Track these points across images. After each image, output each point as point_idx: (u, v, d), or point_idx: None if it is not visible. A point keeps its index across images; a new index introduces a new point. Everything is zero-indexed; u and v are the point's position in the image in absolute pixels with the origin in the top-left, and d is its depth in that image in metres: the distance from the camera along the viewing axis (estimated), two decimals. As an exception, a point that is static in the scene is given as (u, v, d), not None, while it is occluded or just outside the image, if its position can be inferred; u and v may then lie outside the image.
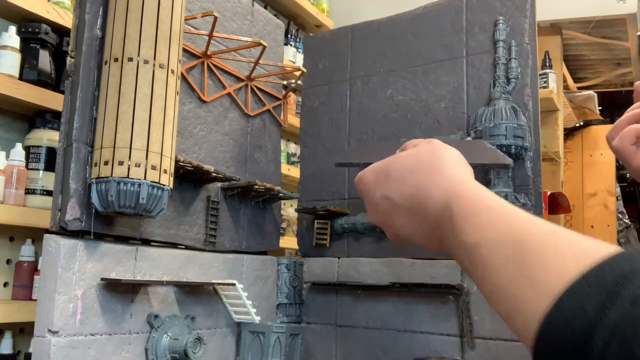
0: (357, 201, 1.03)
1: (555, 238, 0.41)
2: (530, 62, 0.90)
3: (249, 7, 1.06)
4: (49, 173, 1.40)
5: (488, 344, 0.86)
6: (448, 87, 0.97)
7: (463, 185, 0.51)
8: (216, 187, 0.95)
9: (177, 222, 0.87)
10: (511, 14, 0.92)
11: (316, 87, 1.12)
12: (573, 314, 0.37)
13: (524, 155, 0.88)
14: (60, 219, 0.72)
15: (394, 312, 0.95)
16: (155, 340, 0.79)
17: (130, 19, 0.72)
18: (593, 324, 0.36)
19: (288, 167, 2.46)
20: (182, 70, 0.90)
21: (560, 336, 0.37)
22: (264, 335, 0.89)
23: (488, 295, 0.44)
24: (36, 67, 1.43)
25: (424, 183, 0.55)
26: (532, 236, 0.42)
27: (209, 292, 0.90)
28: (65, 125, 0.75)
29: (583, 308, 0.36)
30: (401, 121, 1.01)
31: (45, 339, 0.68)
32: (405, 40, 1.03)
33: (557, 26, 2.67)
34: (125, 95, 0.70)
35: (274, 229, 1.08)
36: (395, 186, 0.59)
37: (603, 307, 0.36)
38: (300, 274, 1.04)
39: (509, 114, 0.87)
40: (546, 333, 0.38)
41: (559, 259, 0.40)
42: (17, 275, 1.43)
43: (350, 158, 0.74)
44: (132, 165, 0.69)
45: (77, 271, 0.71)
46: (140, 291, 0.79)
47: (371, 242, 1.01)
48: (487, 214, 0.46)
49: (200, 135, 0.93)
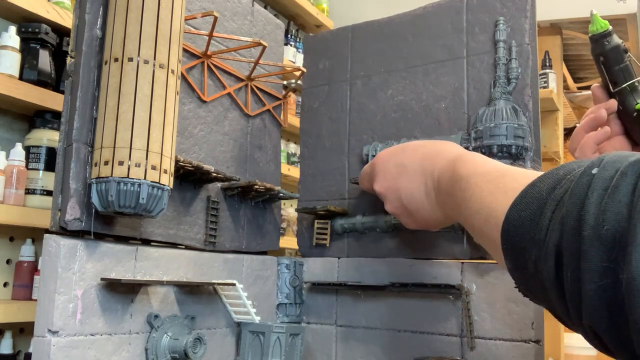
0: (357, 201, 1.03)
1: (531, 171, 0.51)
2: (531, 62, 0.90)
3: (249, 7, 1.06)
4: (49, 173, 1.40)
5: (488, 344, 0.86)
6: (448, 87, 0.97)
7: (467, 153, 0.65)
8: (216, 187, 0.95)
9: (177, 222, 0.87)
10: (512, 15, 0.92)
11: (316, 87, 1.12)
12: (531, 198, 0.45)
13: (524, 155, 0.88)
14: (60, 219, 0.72)
15: (394, 312, 0.95)
16: (155, 340, 0.79)
17: (130, 19, 0.72)
18: (543, 201, 0.43)
19: (288, 167, 2.46)
20: (182, 70, 0.90)
21: (518, 215, 0.45)
22: (264, 335, 0.89)
23: (470, 212, 0.55)
24: (36, 67, 1.43)
25: (435, 151, 0.71)
26: (512, 169, 0.54)
27: (209, 292, 0.90)
28: (65, 125, 0.75)
29: (540, 193, 0.44)
30: (401, 121, 1.01)
31: (45, 339, 0.68)
32: (405, 40, 1.03)
33: (557, 26, 2.67)
34: (125, 95, 0.70)
35: (274, 229, 1.08)
36: (409, 154, 0.75)
37: (552, 188, 0.44)
38: (300, 274, 1.04)
39: (509, 114, 0.87)
40: (511, 218, 0.46)
41: (529, 174, 0.49)
42: (17, 275, 1.43)
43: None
44: (132, 165, 0.69)
45: (77, 271, 0.71)
46: (140, 291, 0.79)
47: (371, 242, 1.01)
48: (482, 159, 0.61)
49: (200, 135, 0.93)
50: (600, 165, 0.41)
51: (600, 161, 0.42)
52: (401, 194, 0.75)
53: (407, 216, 0.77)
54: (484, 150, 0.88)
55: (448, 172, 0.64)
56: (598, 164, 0.41)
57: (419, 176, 0.72)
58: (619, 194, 0.37)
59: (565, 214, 0.40)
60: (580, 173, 0.42)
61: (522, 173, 0.51)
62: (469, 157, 0.62)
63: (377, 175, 0.81)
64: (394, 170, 0.77)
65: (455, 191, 0.60)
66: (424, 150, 0.73)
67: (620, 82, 0.83)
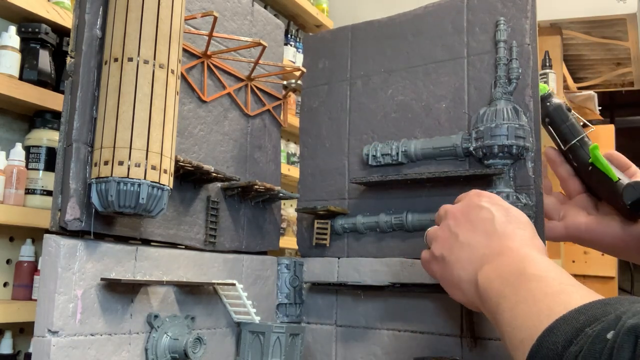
0: (357, 201, 1.03)
1: (582, 293, 0.51)
2: (531, 62, 0.90)
3: (249, 7, 1.06)
4: (49, 173, 1.40)
5: (488, 344, 0.86)
6: (449, 87, 0.97)
7: (533, 252, 0.62)
8: (216, 187, 0.95)
9: (177, 222, 0.87)
10: (512, 15, 0.92)
11: (316, 87, 1.12)
12: (548, 348, 0.45)
13: (525, 156, 0.88)
14: (60, 219, 0.71)
15: (394, 312, 0.95)
16: (155, 340, 0.79)
17: (130, 18, 0.71)
18: (559, 357, 0.43)
19: (288, 167, 2.46)
20: (182, 70, 0.90)
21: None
22: (264, 335, 0.89)
23: (507, 323, 0.54)
24: (36, 67, 1.43)
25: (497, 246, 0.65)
26: (571, 287, 0.52)
27: (209, 292, 0.90)
28: (65, 125, 0.75)
29: (556, 343, 0.44)
30: (402, 121, 1.01)
31: (45, 339, 0.68)
32: (405, 40, 1.03)
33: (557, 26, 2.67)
34: (125, 95, 0.70)
35: (274, 229, 1.08)
36: (491, 215, 0.68)
37: (569, 342, 0.43)
38: (300, 274, 1.04)
39: (510, 115, 0.87)
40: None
41: (575, 301, 0.48)
42: (17, 275, 1.43)
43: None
44: (132, 165, 0.69)
45: (77, 271, 0.71)
46: (140, 291, 0.79)
47: (371, 242, 1.01)
48: (547, 264, 0.58)
49: (200, 135, 0.93)
50: (616, 327, 0.40)
51: (618, 321, 0.41)
52: (454, 245, 0.69)
53: (440, 269, 0.72)
54: (484, 151, 0.88)
55: (514, 262, 0.60)
56: (615, 325, 0.41)
57: (487, 241, 0.66)
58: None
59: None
60: (596, 334, 0.41)
61: (574, 296, 0.49)
62: (541, 259, 0.59)
63: (454, 214, 0.72)
64: (468, 219, 0.70)
65: (507, 284, 0.57)
66: (504, 226, 0.67)
67: (570, 139, 0.85)
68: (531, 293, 0.53)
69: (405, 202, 0.98)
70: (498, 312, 0.56)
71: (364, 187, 1.03)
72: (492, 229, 0.67)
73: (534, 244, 0.65)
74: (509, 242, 0.64)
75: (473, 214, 0.70)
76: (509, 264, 0.60)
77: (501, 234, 0.65)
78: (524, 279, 0.55)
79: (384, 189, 1.00)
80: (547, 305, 0.49)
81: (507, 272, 0.59)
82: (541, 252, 0.63)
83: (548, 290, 0.52)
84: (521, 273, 0.57)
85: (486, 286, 0.61)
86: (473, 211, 0.70)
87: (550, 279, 0.54)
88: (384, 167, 1.01)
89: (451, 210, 0.73)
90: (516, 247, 0.62)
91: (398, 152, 0.98)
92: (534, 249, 0.63)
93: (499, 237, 0.65)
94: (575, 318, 0.45)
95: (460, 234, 0.69)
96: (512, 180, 0.88)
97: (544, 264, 0.58)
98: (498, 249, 0.64)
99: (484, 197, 0.71)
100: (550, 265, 0.58)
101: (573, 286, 0.52)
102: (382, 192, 1.01)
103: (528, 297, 0.53)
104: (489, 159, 0.89)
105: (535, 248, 0.63)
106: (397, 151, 0.98)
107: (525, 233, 0.66)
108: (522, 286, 0.55)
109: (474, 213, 0.69)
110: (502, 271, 0.60)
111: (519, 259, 0.60)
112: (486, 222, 0.67)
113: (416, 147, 0.97)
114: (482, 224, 0.68)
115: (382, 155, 1.00)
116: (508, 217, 0.67)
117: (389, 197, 1.00)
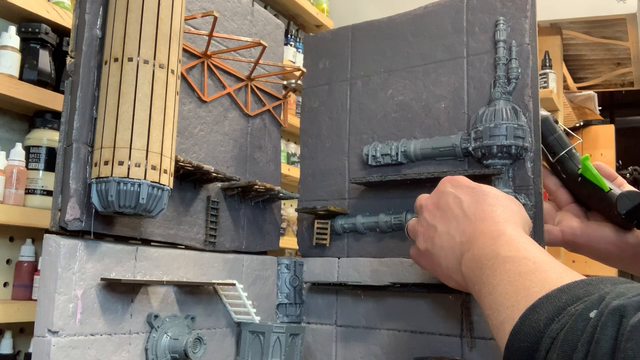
0: (357, 201, 1.04)
1: (559, 271, 0.50)
2: (531, 62, 0.90)
3: (249, 7, 1.06)
4: (49, 173, 1.40)
5: (488, 344, 0.86)
6: (448, 87, 0.97)
7: (513, 231, 0.61)
8: (216, 187, 0.95)
9: (177, 222, 0.87)
10: (512, 15, 0.92)
11: (316, 87, 1.12)
12: (530, 325, 0.45)
13: (524, 156, 0.88)
14: (60, 219, 0.72)
15: (394, 312, 0.95)
16: (155, 340, 0.79)
17: (130, 19, 0.72)
18: (540, 334, 0.43)
19: (288, 167, 2.46)
20: (182, 70, 0.90)
21: (518, 345, 0.45)
22: (264, 335, 0.89)
23: (489, 304, 0.54)
24: (36, 67, 1.43)
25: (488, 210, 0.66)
26: (546, 263, 0.52)
27: (209, 292, 0.91)
28: (65, 125, 0.75)
29: (538, 320, 0.44)
30: (401, 121, 1.01)
31: (45, 339, 0.68)
32: (405, 40, 1.03)
33: (557, 26, 2.67)
34: (125, 95, 0.70)
35: (274, 229, 1.08)
36: (469, 199, 0.69)
37: (551, 320, 0.43)
38: (300, 274, 1.04)
39: (509, 115, 0.87)
40: (510, 342, 0.46)
41: (554, 279, 0.48)
42: (17, 275, 1.43)
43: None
44: (132, 165, 0.69)
45: (77, 271, 0.71)
46: (140, 291, 0.79)
47: (371, 242, 1.01)
48: (525, 241, 0.59)
49: (200, 135, 0.93)
50: (599, 307, 0.41)
51: (601, 301, 0.41)
52: (434, 241, 0.71)
53: (429, 263, 0.74)
54: (483, 151, 0.88)
55: (487, 246, 0.60)
56: (598, 305, 0.41)
57: (460, 227, 0.67)
58: (600, 350, 0.38)
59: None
60: (579, 313, 0.42)
61: (550, 274, 0.50)
62: (514, 236, 0.59)
63: (429, 208, 0.74)
64: (445, 206, 0.71)
65: (484, 269, 0.58)
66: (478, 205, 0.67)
67: (558, 150, 0.86)
68: (507, 275, 0.53)
69: (405, 202, 0.98)
70: (481, 298, 0.57)
71: (364, 187, 1.03)
72: (461, 213, 0.68)
73: (505, 218, 0.65)
74: (480, 224, 0.65)
75: (442, 202, 0.71)
76: (483, 248, 0.60)
77: (471, 216, 0.66)
78: (499, 261, 0.56)
79: (383, 189, 1.01)
80: (523, 285, 0.50)
81: (483, 257, 0.59)
82: (515, 225, 0.64)
83: (522, 269, 0.52)
84: (495, 256, 0.57)
85: (469, 275, 0.62)
86: (442, 199, 0.72)
87: (524, 258, 0.54)
88: (383, 167, 1.01)
89: (425, 203, 0.75)
90: (488, 229, 0.63)
91: (398, 152, 0.98)
92: (507, 224, 0.63)
93: (470, 221, 0.66)
94: (557, 297, 0.45)
95: (437, 225, 0.70)
96: (511, 180, 0.88)
97: (517, 242, 0.58)
98: (471, 234, 0.65)
99: (447, 183, 0.73)
100: (525, 242, 0.58)
101: (548, 263, 0.52)
102: (381, 192, 1.01)
103: (504, 279, 0.53)
104: (488, 159, 0.89)
105: (507, 222, 0.63)
106: (397, 151, 0.98)
107: (495, 209, 0.66)
108: (498, 269, 0.55)
109: (442, 201, 0.71)
110: (478, 257, 0.60)
111: (491, 241, 0.60)
112: (455, 207, 0.69)
113: (416, 147, 0.97)
114: (451, 210, 0.69)
115: (382, 155, 1.00)
116: (475, 197, 0.68)
117: (389, 197, 1.00)
